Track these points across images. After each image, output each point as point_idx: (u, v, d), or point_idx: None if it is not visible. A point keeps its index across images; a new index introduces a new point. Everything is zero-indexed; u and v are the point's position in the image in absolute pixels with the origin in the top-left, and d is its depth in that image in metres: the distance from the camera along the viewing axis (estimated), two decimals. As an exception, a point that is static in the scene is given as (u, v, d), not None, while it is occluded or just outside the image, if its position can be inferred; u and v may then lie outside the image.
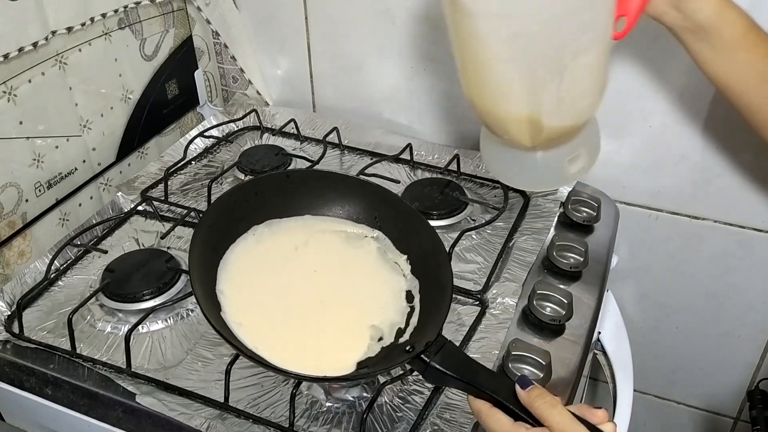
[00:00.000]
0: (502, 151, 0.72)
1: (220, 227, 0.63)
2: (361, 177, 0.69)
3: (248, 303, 0.60)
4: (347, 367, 0.56)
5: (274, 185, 0.67)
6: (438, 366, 0.53)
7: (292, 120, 1.06)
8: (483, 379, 0.52)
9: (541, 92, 0.62)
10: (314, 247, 0.65)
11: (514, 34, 0.59)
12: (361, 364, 0.57)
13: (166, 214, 0.89)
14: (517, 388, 0.50)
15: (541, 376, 0.63)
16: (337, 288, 0.63)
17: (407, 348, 0.56)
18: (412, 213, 0.66)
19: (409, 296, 0.62)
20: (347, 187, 0.68)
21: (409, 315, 0.61)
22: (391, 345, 0.58)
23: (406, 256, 0.65)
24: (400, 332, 0.60)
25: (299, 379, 0.60)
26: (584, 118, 0.67)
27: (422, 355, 0.53)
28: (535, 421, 0.49)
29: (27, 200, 0.83)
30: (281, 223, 0.67)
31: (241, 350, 0.54)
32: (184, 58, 1.08)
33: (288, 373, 0.54)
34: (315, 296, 0.61)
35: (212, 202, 0.64)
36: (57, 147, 0.86)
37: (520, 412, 0.50)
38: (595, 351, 0.93)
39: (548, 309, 0.71)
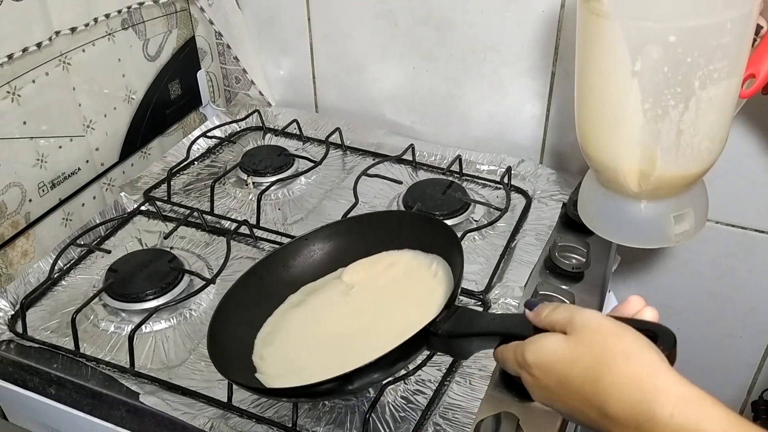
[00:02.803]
0: (603, 200, 0.71)
1: (251, 305, 0.64)
2: (368, 215, 0.72)
3: (289, 356, 0.60)
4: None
5: (297, 253, 0.68)
6: (449, 331, 0.53)
7: (295, 120, 1.06)
8: (497, 323, 0.53)
9: (662, 121, 0.61)
10: (360, 287, 0.66)
11: (648, 41, 0.58)
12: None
13: (169, 214, 0.89)
14: (527, 312, 0.50)
15: (544, 376, 0.63)
16: (382, 316, 0.62)
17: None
18: (429, 219, 0.67)
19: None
20: (361, 232, 0.69)
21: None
22: None
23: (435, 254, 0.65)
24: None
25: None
26: (698, 166, 0.65)
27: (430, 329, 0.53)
28: None
29: (30, 200, 0.84)
30: (316, 283, 0.68)
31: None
32: (187, 59, 1.08)
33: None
34: (358, 332, 0.61)
35: (236, 281, 0.64)
36: (60, 147, 0.87)
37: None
38: (597, 352, 0.93)
39: (550, 310, 0.71)
